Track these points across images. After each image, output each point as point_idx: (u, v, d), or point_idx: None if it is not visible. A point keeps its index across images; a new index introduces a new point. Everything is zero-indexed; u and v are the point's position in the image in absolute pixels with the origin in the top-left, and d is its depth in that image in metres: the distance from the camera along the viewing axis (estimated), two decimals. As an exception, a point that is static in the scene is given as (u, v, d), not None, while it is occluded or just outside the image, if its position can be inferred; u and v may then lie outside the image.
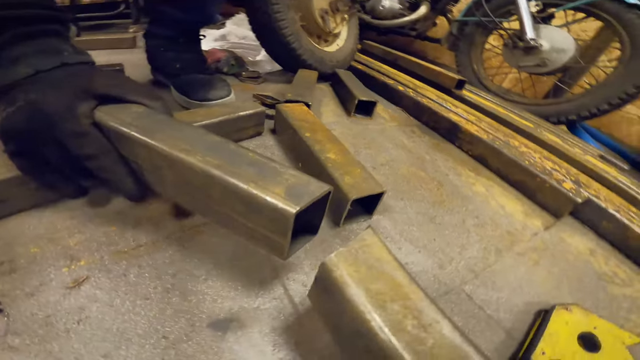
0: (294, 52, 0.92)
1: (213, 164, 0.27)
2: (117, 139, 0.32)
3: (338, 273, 0.21)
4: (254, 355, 0.30)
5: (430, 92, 0.99)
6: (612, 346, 0.39)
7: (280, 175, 0.27)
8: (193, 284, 0.35)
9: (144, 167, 0.33)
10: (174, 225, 0.41)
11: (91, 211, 0.40)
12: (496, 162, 0.74)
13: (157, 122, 0.32)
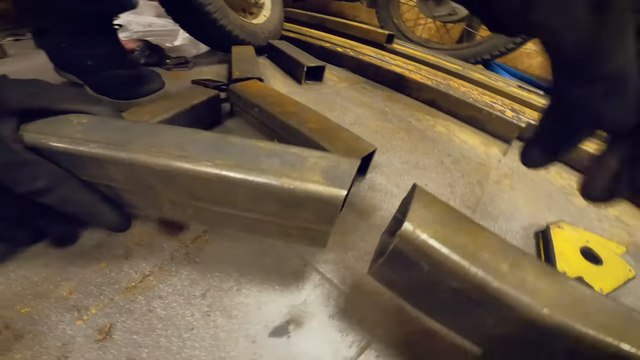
0: (223, 29, 0.83)
1: (228, 166, 0.22)
2: (70, 162, 0.24)
3: (421, 239, 0.19)
4: (327, 347, 0.28)
5: (366, 49, 1.00)
6: (608, 257, 0.45)
7: (305, 160, 0.23)
8: (229, 298, 0.30)
9: (123, 189, 0.26)
10: (171, 244, 0.34)
11: (63, 253, 0.31)
12: (445, 103, 0.79)
13: (119, 130, 0.24)
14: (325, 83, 0.81)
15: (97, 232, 0.33)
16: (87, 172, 0.24)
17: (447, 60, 1.08)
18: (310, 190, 0.21)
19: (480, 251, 0.20)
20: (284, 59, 0.87)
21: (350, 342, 0.29)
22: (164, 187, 0.24)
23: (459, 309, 0.21)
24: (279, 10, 1.08)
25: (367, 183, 0.48)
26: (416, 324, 0.32)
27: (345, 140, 0.44)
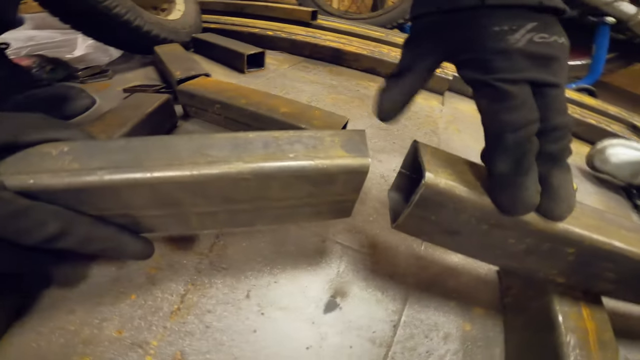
0: (140, 30, 0.75)
1: (260, 160, 0.22)
2: (74, 199, 0.21)
3: (442, 182, 0.22)
4: (376, 306, 0.32)
5: (295, 29, 1.00)
6: None
7: (323, 140, 0.24)
8: (272, 292, 0.31)
9: (142, 214, 0.24)
10: (191, 258, 0.33)
11: (80, 296, 0.28)
12: (383, 68, 0.85)
13: (117, 150, 0.22)
14: (268, 68, 0.80)
15: (105, 267, 0.30)
16: (98, 205, 0.22)
17: (370, 29, 1.14)
18: (341, 165, 0.23)
19: (484, 182, 0.24)
20: (217, 52, 0.82)
21: (392, 296, 0.33)
22: (194, 199, 0.23)
23: (482, 235, 0.25)
24: (193, 3, 1.01)
25: (344, 154, 0.51)
26: (436, 266, 0.37)
27: (319, 117, 0.46)
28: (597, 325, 0.25)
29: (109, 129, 0.39)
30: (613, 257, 0.23)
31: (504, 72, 0.20)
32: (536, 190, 0.21)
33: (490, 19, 0.21)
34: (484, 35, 0.21)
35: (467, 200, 0.23)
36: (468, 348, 0.30)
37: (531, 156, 0.20)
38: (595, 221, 0.24)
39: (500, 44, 0.20)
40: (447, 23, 0.23)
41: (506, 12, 0.20)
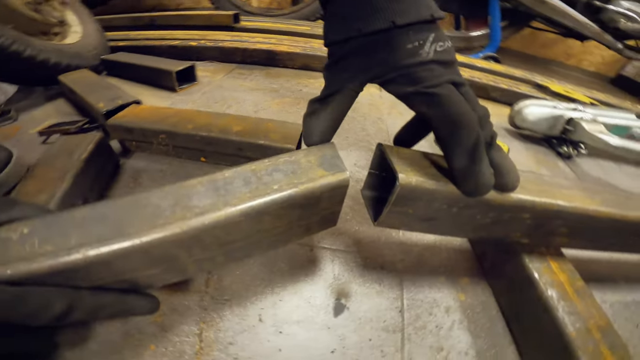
0: (35, 60, 0.64)
1: (248, 198, 0.22)
2: (63, 278, 0.19)
3: (413, 180, 0.24)
4: (379, 298, 0.33)
5: (219, 35, 0.95)
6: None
7: (299, 163, 0.25)
8: (281, 310, 0.32)
9: (138, 275, 0.22)
10: (191, 298, 0.32)
11: (99, 354, 0.27)
12: (318, 64, 0.86)
13: (87, 221, 0.20)
14: (201, 82, 0.75)
15: (108, 324, 0.29)
16: (91, 278, 0.20)
17: (296, 24, 1.13)
18: (324, 184, 0.24)
19: (446, 172, 0.27)
20: (137, 72, 0.75)
21: (388, 285, 0.35)
22: (189, 251, 0.22)
23: (454, 216, 0.28)
24: (93, 22, 0.89)
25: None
26: (417, 247, 0.39)
27: (275, 130, 0.45)
28: (567, 276, 0.30)
29: (47, 186, 0.33)
30: (561, 214, 0.28)
31: (429, 80, 0.23)
32: (490, 173, 0.24)
33: (402, 38, 0.23)
34: (401, 53, 0.23)
35: (437, 191, 0.25)
36: (469, 315, 0.33)
37: (482, 146, 0.23)
38: (539, 186, 0.28)
39: (416, 58, 0.23)
40: (366, 46, 0.24)
41: (412, 29, 0.23)
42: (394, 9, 0.23)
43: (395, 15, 0.23)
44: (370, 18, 0.23)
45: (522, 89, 0.91)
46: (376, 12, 0.23)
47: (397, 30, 0.23)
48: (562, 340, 0.26)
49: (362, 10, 0.23)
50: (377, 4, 0.23)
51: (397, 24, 0.23)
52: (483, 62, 1.10)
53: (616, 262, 0.43)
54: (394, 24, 0.23)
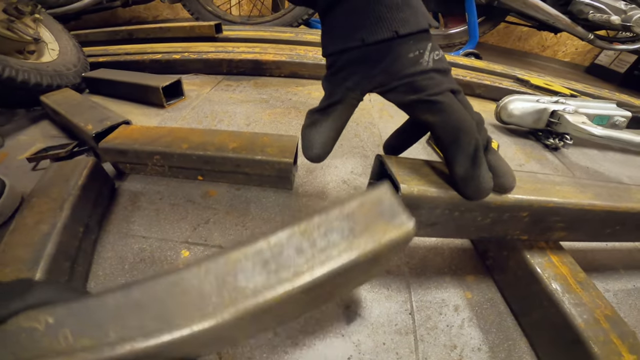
0: (15, 81, 0.62)
1: (303, 274, 0.18)
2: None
3: (415, 189, 0.25)
4: (388, 303, 0.34)
5: (203, 46, 0.94)
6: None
7: (353, 217, 0.21)
8: (296, 322, 0.32)
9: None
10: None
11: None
12: (305, 71, 0.86)
13: (124, 310, 0.17)
14: (189, 96, 0.75)
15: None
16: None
17: (279, 31, 1.14)
18: (389, 241, 0.20)
19: (445, 178, 0.27)
20: (121, 89, 0.73)
21: (396, 289, 0.35)
22: (242, 331, 0.20)
23: (456, 220, 0.28)
24: (68, 38, 0.87)
25: (302, 168, 0.51)
26: (421, 250, 0.40)
27: (271, 144, 0.45)
28: (569, 268, 0.31)
29: (46, 217, 0.32)
30: (557, 210, 0.29)
31: (432, 88, 0.24)
32: (489, 176, 0.25)
33: (404, 47, 0.24)
34: (404, 62, 0.24)
35: (439, 198, 0.26)
36: (478, 312, 0.34)
37: (481, 150, 0.24)
38: (534, 185, 0.29)
39: (418, 67, 0.24)
40: (369, 55, 0.25)
41: (413, 38, 0.24)
42: (396, 18, 0.23)
43: (398, 24, 0.23)
44: (373, 27, 0.23)
45: (504, 84, 0.93)
46: (379, 21, 0.23)
47: (399, 39, 0.24)
48: (572, 332, 0.27)
49: (364, 20, 0.24)
50: (379, 14, 0.23)
51: (400, 34, 0.23)
52: (465, 59, 1.12)
53: (613, 250, 0.44)
54: (397, 34, 0.23)
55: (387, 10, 0.23)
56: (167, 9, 1.71)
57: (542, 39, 2.09)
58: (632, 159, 0.75)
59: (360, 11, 0.24)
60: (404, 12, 0.23)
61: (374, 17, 0.23)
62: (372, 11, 0.23)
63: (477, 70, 1.04)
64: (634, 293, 0.39)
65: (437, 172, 0.27)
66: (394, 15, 0.23)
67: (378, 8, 0.23)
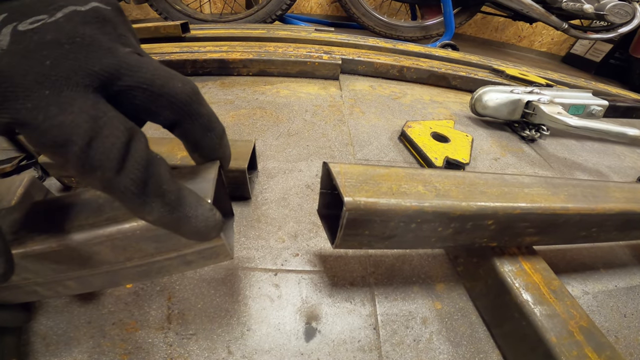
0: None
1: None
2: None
3: (362, 202, 0.22)
4: (350, 317, 0.31)
5: (168, 47, 0.89)
6: (449, 133, 0.60)
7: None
8: (251, 340, 0.29)
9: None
10: (154, 335, 0.28)
11: None
12: (274, 68, 0.83)
13: None
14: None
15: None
16: None
17: (250, 28, 1.09)
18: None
19: (400, 186, 0.25)
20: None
21: (360, 302, 0.32)
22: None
23: (414, 231, 0.26)
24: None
25: (264, 174, 0.48)
26: (388, 258, 0.37)
27: None
28: (542, 276, 0.29)
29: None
30: (524, 217, 0.27)
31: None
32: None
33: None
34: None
35: (390, 211, 0.23)
36: (448, 324, 0.31)
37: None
38: (499, 189, 0.27)
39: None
40: None
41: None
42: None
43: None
44: None
45: (480, 75, 0.92)
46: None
47: None
48: (544, 346, 0.24)
49: None
50: None
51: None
52: (441, 50, 1.10)
53: (593, 248, 0.42)
54: None
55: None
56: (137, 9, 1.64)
57: (519, 30, 2.10)
58: (610, 147, 0.74)
59: None
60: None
61: None
62: None
63: (453, 61, 1.02)
64: (615, 294, 0.37)
65: (390, 178, 0.24)
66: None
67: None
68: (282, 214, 0.41)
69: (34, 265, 0.18)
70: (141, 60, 0.17)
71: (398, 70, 0.91)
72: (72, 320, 0.28)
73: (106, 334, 0.28)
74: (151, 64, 0.17)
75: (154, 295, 0.31)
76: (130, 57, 0.16)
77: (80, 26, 0.15)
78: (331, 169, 0.24)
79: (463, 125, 0.71)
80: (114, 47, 0.16)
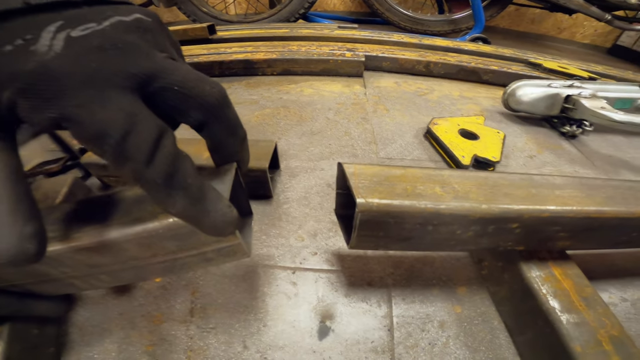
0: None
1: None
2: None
3: (375, 203, 0.22)
4: (365, 317, 0.31)
5: (196, 49, 0.92)
6: (479, 130, 0.57)
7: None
8: (267, 335, 0.30)
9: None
10: (177, 327, 0.30)
11: None
12: (298, 67, 0.83)
13: None
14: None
15: (105, 352, 0.28)
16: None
17: (274, 27, 1.11)
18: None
19: (415, 187, 0.24)
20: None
21: (376, 303, 0.32)
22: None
23: (431, 233, 0.25)
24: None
25: (286, 172, 0.49)
26: (409, 259, 0.36)
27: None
28: (573, 282, 0.27)
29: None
30: (555, 220, 0.25)
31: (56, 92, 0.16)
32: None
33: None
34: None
35: (404, 212, 0.23)
36: (467, 328, 0.30)
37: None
38: (526, 191, 0.25)
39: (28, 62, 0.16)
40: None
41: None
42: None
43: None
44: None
45: (514, 69, 0.86)
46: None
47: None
48: (567, 355, 0.23)
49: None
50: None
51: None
52: (470, 44, 1.06)
53: (636, 253, 0.39)
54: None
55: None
56: (167, 12, 1.72)
57: (558, 21, 1.95)
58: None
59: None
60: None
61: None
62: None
63: (484, 55, 0.97)
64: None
65: (406, 179, 0.24)
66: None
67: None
68: (303, 213, 0.42)
69: (71, 260, 0.20)
70: (174, 64, 0.18)
71: (424, 66, 0.88)
72: (106, 311, 0.31)
73: (135, 326, 0.30)
74: (183, 67, 0.18)
75: (180, 289, 0.33)
76: (165, 62, 0.17)
77: (123, 34, 0.17)
78: (345, 169, 0.24)
79: (495, 122, 0.68)
80: (151, 53, 0.17)
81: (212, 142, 0.21)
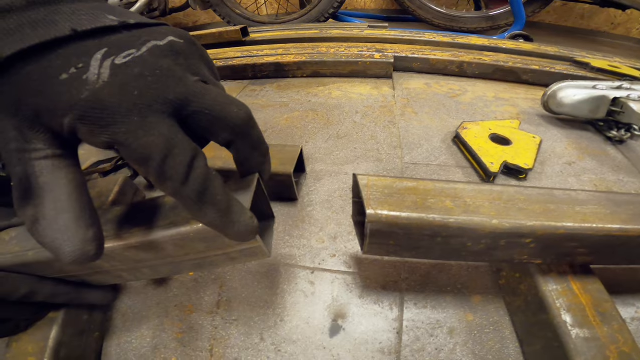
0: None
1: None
2: (26, 269, 0.25)
3: (384, 215, 0.23)
4: (376, 319, 0.33)
5: (231, 52, 0.97)
6: (512, 135, 0.55)
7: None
8: (282, 330, 0.32)
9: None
10: (204, 318, 0.34)
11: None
12: (327, 69, 0.85)
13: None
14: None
15: (141, 338, 0.33)
16: (45, 272, 0.25)
17: (304, 29, 1.13)
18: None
19: (426, 200, 0.25)
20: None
21: (388, 305, 0.34)
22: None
23: (441, 244, 0.26)
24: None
25: (311, 176, 0.51)
26: (424, 266, 0.37)
27: (274, 155, 0.43)
28: (592, 297, 0.26)
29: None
30: (572, 237, 0.24)
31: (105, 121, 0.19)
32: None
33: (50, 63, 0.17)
34: (56, 90, 0.17)
35: (411, 225, 0.24)
36: (476, 336, 0.31)
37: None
38: (543, 206, 0.25)
39: (80, 92, 0.18)
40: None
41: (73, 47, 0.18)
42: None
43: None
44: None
45: (557, 68, 0.81)
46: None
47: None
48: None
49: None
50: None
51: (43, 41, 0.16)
52: (509, 42, 1.00)
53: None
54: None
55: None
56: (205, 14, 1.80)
57: (611, 16, 1.76)
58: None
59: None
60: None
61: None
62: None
63: (524, 54, 0.92)
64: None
65: (421, 192, 0.25)
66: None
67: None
68: (325, 216, 0.43)
69: (121, 256, 0.24)
70: (205, 88, 0.20)
71: (457, 66, 0.85)
72: (146, 300, 0.35)
73: (169, 314, 0.34)
74: (213, 91, 0.20)
75: (209, 283, 0.36)
76: (196, 86, 0.20)
77: (159, 59, 0.18)
78: (359, 181, 0.26)
79: (533, 125, 0.64)
80: (184, 77, 0.19)
81: (238, 157, 0.23)
